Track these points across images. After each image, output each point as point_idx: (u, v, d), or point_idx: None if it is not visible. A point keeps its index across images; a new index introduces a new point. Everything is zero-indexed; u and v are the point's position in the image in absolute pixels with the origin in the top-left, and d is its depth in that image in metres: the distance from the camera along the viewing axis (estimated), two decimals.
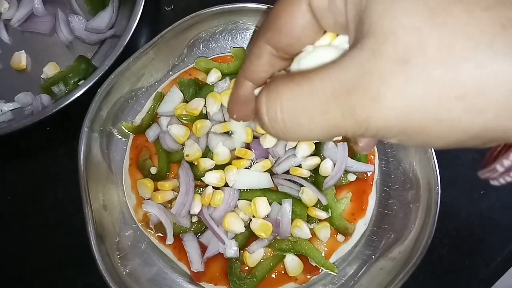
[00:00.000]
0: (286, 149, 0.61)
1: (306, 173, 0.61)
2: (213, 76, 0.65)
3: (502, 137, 0.22)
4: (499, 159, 0.25)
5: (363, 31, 0.23)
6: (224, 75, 0.66)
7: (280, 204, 0.60)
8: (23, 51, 0.73)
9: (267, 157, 0.62)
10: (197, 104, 0.62)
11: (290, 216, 0.59)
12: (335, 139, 0.29)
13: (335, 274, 0.61)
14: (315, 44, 0.29)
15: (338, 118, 0.23)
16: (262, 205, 0.59)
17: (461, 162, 0.68)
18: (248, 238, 0.60)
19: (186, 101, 0.65)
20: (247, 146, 0.62)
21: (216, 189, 0.60)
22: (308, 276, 0.60)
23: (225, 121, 0.63)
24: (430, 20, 0.21)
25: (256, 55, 0.29)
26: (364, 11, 0.23)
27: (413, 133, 0.22)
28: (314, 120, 0.24)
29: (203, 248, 0.60)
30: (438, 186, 0.58)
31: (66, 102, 0.62)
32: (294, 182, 0.61)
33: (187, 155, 0.61)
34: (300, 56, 0.29)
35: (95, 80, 0.62)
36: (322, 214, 0.60)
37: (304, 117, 0.24)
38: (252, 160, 0.62)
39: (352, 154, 0.62)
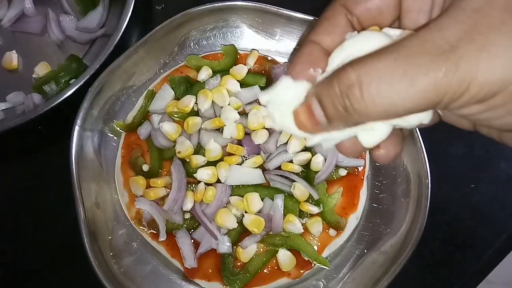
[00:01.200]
0: (278, 145, 0.62)
1: (297, 168, 0.62)
2: (204, 74, 0.65)
3: None
4: None
5: None
6: (215, 73, 0.66)
7: (272, 200, 0.60)
8: (14, 51, 0.73)
9: (258, 153, 0.62)
10: (188, 101, 0.63)
11: (282, 211, 0.59)
12: (427, 119, 0.27)
13: (328, 268, 0.61)
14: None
15: (439, 77, 0.22)
16: (254, 200, 0.59)
17: (452, 157, 0.69)
18: (240, 233, 0.60)
19: (177, 98, 0.65)
20: (239, 143, 0.62)
21: (208, 185, 0.60)
22: (301, 271, 0.61)
23: (216, 117, 0.63)
24: None
25: (329, 17, 0.28)
26: None
27: (504, 98, 0.22)
28: (414, 83, 0.22)
29: (196, 244, 0.61)
30: (428, 180, 0.58)
31: (58, 101, 0.62)
32: (286, 177, 0.61)
33: (179, 152, 0.61)
34: (345, 41, 0.28)
35: (86, 79, 0.62)
36: (314, 209, 0.60)
37: (404, 82, 0.22)
38: (243, 156, 0.62)
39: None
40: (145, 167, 0.63)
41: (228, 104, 0.63)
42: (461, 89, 0.22)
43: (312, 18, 0.63)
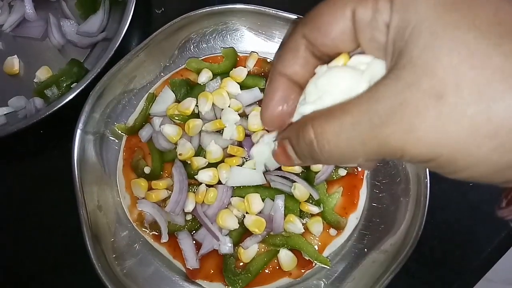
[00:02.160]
0: None
1: (297, 169, 0.62)
2: (204, 76, 0.66)
3: None
4: None
5: (401, 62, 0.24)
6: (215, 75, 0.67)
7: (273, 200, 0.61)
8: (15, 56, 0.74)
9: None
10: (189, 104, 0.63)
11: (283, 212, 0.60)
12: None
13: (329, 267, 0.62)
14: (329, 65, 0.30)
15: (375, 147, 0.25)
16: (255, 201, 0.60)
17: None
18: (242, 234, 0.61)
19: (178, 101, 0.66)
20: (240, 144, 0.63)
21: (209, 187, 0.61)
22: (302, 271, 0.61)
23: (216, 119, 0.63)
24: (469, 61, 0.22)
25: (292, 48, 0.30)
26: (406, 43, 0.24)
27: (442, 163, 0.24)
28: (356, 149, 0.26)
29: (198, 245, 0.61)
30: (427, 179, 0.59)
31: (59, 105, 0.62)
32: (286, 178, 0.62)
33: (180, 154, 0.61)
34: (316, 77, 0.30)
35: (87, 82, 0.63)
36: (314, 209, 0.61)
37: (348, 147, 0.26)
38: (244, 158, 0.63)
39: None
40: (147, 170, 0.64)
41: (229, 106, 0.63)
42: (396, 156, 0.25)
43: None
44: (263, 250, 0.61)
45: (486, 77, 0.21)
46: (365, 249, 0.62)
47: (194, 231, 0.62)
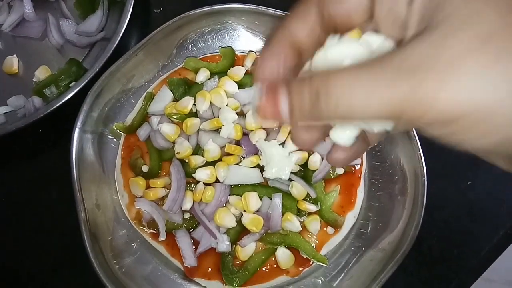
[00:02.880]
0: None
1: (295, 167, 0.62)
2: (202, 75, 0.66)
3: None
4: None
5: (439, 17, 0.22)
6: (213, 74, 0.67)
7: (270, 199, 0.61)
8: (14, 55, 0.74)
9: (256, 153, 0.63)
10: (187, 103, 0.64)
11: (281, 210, 0.60)
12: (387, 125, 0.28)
13: (326, 265, 0.62)
14: (341, 38, 0.29)
15: (400, 95, 0.22)
16: (252, 199, 0.60)
17: (448, 154, 0.69)
18: (239, 232, 0.61)
19: (176, 100, 0.66)
20: (237, 143, 0.63)
21: (207, 185, 0.61)
22: (300, 269, 0.61)
23: (214, 118, 0.64)
24: None
25: (302, 14, 0.28)
26: (440, 3, 0.22)
27: (474, 120, 0.22)
28: (374, 97, 0.22)
29: (195, 243, 0.61)
30: (424, 177, 0.59)
31: (58, 104, 0.63)
32: None
33: (178, 153, 0.62)
34: (326, 47, 0.29)
35: (86, 82, 0.63)
36: (312, 207, 0.61)
37: (365, 94, 0.23)
38: (242, 156, 0.63)
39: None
40: (145, 168, 0.64)
41: (226, 105, 0.64)
42: (420, 110, 0.22)
43: None
44: (260, 248, 0.62)
45: None
46: (363, 248, 0.63)
47: (192, 230, 0.62)
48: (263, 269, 0.61)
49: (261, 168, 0.62)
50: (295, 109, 0.26)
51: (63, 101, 0.63)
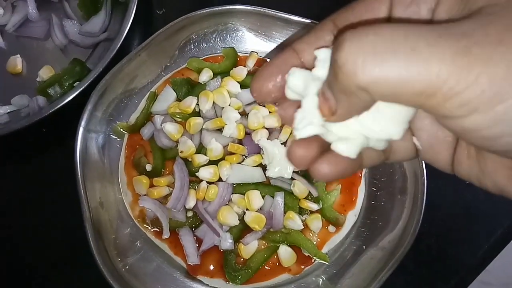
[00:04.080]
0: None
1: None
2: (205, 75, 0.67)
3: None
4: None
5: (474, 7, 0.22)
6: (215, 74, 0.68)
7: (273, 197, 0.62)
8: (18, 55, 0.75)
9: (259, 152, 0.63)
10: (190, 102, 0.64)
11: (283, 208, 0.61)
12: (395, 131, 0.26)
13: (328, 263, 0.62)
14: None
15: (447, 55, 0.20)
16: (255, 198, 0.61)
17: None
18: (242, 230, 0.62)
19: (179, 99, 0.67)
20: (240, 142, 0.64)
21: (210, 184, 0.62)
22: (302, 267, 0.62)
23: (217, 118, 0.64)
24: None
25: (316, 30, 0.28)
26: None
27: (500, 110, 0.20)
28: (416, 54, 0.20)
29: (198, 242, 0.62)
30: (424, 177, 0.60)
31: (62, 103, 0.63)
32: None
33: (181, 152, 0.62)
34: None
35: (89, 81, 0.64)
36: (314, 206, 0.62)
37: (406, 49, 0.20)
38: (244, 155, 0.64)
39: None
40: (148, 167, 0.65)
41: (229, 105, 0.64)
42: (467, 80, 0.20)
43: (309, 21, 0.65)
44: (263, 246, 0.62)
45: None
46: (363, 246, 0.63)
47: (195, 228, 0.63)
48: (265, 267, 0.62)
49: (264, 167, 0.63)
50: (336, 93, 0.24)
51: (67, 100, 0.63)
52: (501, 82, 0.20)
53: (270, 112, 0.64)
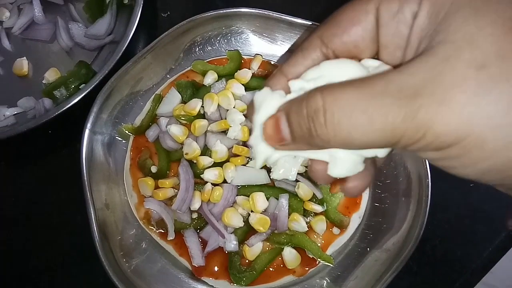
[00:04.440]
0: None
1: (301, 168, 0.63)
2: (210, 78, 0.67)
3: None
4: None
5: (436, 40, 0.23)
6: (220, 77, 0.68)
7: (277, 199, 0.62)
8: (24, 57, 0.75)
9: None
10: (195, 105, 0.65)
11: (287, 210, 0.61)
12: (383, 153, 0.28)
13: (332, 265, 0.63)
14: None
15: (398, 121, 0.22)
16: (259, 200, 0.61)
17: None
18: (247, 232, 0.62)
19: (184, 102, 0.67)
20: (244, 144, 0.64)
21: (215, 186, 0.62)
22: (306, 268, 0.62)
23: (221, 120, 0.65)
24: None
25: (303, 49, 0.29)
26: (441, 22, 0.23)
27: (467, 146, 0.22)
28: (373, 122, 0.23)
29: (203, 243, 0.62)
30: (428, 179, 0.60)
31: (68, 106, 0.64)
32: None
33: (186, 154, 0.63)
34: (323, 62, 0.29)
35: (95, 84, 0.64)
36: (318, 208, 0.62)
37: (363, 119, 0.23)
38: (249, 157, 0.64)
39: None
40: (154, 169, 0.65)
41: (234, 107, 0.65)
42: (417, 135, 0.22)
43: (311, 23, 0.66)
44: (267, 248, 0.62)
45: None
46: (368, 248, 0.63)
47: (199, 229, 0.63)
48: (270, 268, 0.62)
49: (268, 169, 0.63)
50: (294, 133, 0.26)
51: (72, 102, 0.64)
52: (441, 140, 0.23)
53: None
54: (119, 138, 0.67)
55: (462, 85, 0.21)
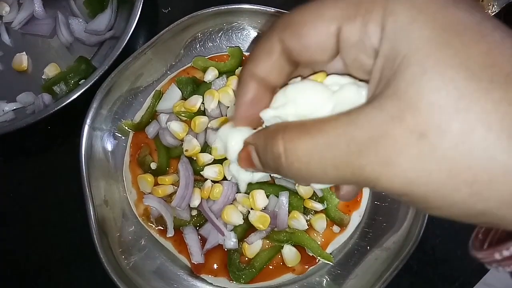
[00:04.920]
0: None
1: None
2: (211, 74, 0.67)
3: (498, 224, 0.23)
4: (497, 247, 0.26)
5: (386, 93, 0.23)
6: (221, 73, 0.68)
7: (277, 197, 0.62)
8: (24, 52, 0.75)
9: None
10: (195, 101, 0.64)
11: (287, 208, 0.61)
12: None
13: (332, 263, 0.62)
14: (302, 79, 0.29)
15: (348, 174, 0.24)
16: (260, 197, 0.61)
17: None
18: (246, 230, 0.62)
19: (184, 98, 0.67)
20: None
21: (215, 183, 0.62)
22: (306, 267, 0.62)
23: (222, 117, 0.64)
24: (456, 103, 0.21)
25: (267, 51, 0.28)
26: (394, 73, 0.23)
27: (415, 200, 0.23)
28: (327, 172, 0.24)
29: (202, 240, 0.62)
30: None
31: (67, 101, 0.63)
32: None
33: (186, 150, 0.62)
34: (289, 85, 0.29)
35: (95, 79, 0.64)
36: (318, 206, 0.62)
37: (319, 169, 0.25)
38: None
39: None
40: (153, 165, 0.65)
41: (234, 104, 0.64)
42: (369, 185, 0.24)
43: None
44: (267, 246, 0.62)
45: (471, 124, 0.21)
46: (368, 247, 0.63)
47: (199, 226, 0.63)
48: (269, 266, 0.62)
49: None
50: (263, 166, 0.28)
51: (72, 98, 0.63)
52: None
53: None
54: (119, 134, 0.67)
55: (405, 151, 0.22)
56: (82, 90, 0.64)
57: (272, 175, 0.63)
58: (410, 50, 0.22)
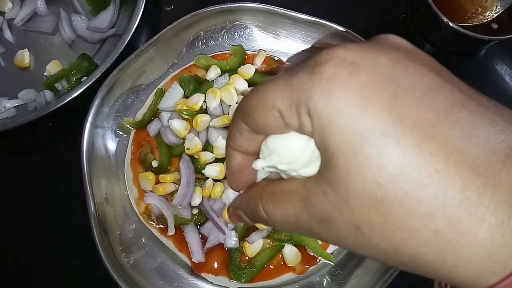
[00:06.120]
0: None
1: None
2: (213, 73, 0.67)
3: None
4: None
5: (327, 174, 0.25)
6: (223, 72, 0.67)
7: None
8: (26, 49, 0.74)
9: None
10: (197, 100, 0.64)
11: None
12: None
13: (333, 263, 0.62)
14: None
15: (317, 237, 0.28)
16: None
17: None
18: (247, 229, 0.61)
19: (186, 96, 0.67)
20: None
21: (216, 182, 0.62)
22: (306, 266, 0.62)
23: (224, 115, 0.64)
24: (376, 207, 0.24)
25: (237, 130, 0.31)
26: (330, 162, 0.25)
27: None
28: (304, 233, 0.29)
29: (203, 239, 0.62)
30: None
31: (69, 98, 0.63)
32: None
33: (187, 149, 0.62)
34: (267, 138, 0.30)
35: (97, 77, 0.64)
36: None
37: (297, 230, 0.29)
38: None
39: None
40: (155, 163, 0.64)
41: (236, 103, 0.64)
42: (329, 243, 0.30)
43: (317, 20, 0.65)
44: (268, 245, 0.62)
45: (391, 226, 0.24)
46: None
47: (200, 225, 0.63)
48: (270, 266, 0.62)
49: None
50: (252, 221, 0.33)
51: (74, 95, 0.63)
52: None
53: None
54: (120, 132, 0.67)
55: (347, 237, 0.26)
56: (84, 87, 0.63)
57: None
58: (336, 149, 0.24)
